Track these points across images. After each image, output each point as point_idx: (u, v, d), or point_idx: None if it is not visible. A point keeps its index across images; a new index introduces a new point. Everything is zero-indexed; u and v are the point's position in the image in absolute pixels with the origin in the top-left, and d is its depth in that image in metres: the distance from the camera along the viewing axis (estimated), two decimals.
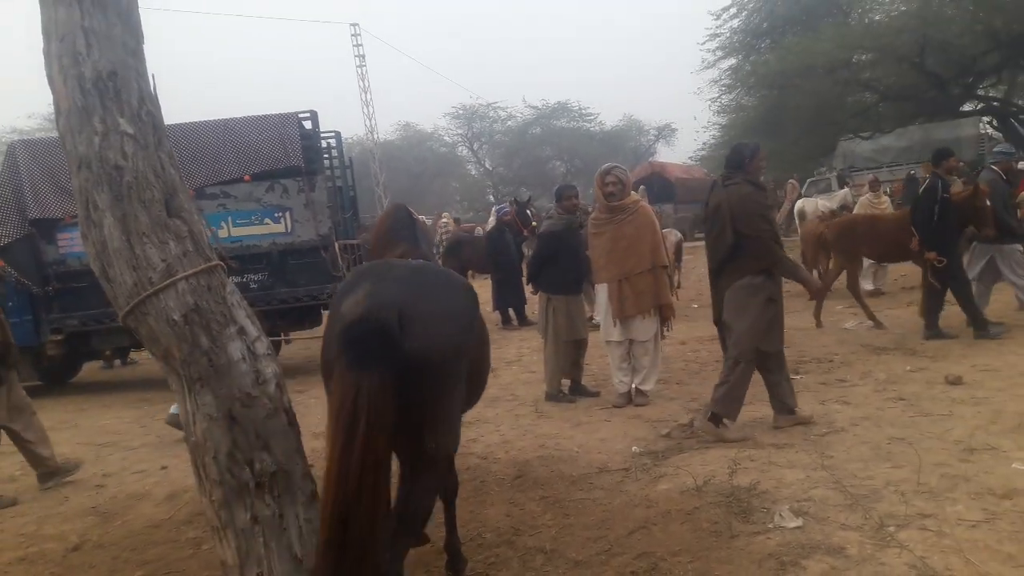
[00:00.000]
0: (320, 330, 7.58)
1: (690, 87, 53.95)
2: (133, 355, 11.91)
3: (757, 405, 6.24)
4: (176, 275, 3.09)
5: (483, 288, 15.83)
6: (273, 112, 9.58)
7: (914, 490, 4.11)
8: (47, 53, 3.18)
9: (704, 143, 39.71)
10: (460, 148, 53.28)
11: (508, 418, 6.59)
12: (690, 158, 45.31)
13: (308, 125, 9.67)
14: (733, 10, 27.31)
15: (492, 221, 28.93)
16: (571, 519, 4.30)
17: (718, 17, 27.64)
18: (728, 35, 27.93)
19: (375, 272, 3.29)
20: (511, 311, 12.28)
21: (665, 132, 52.09)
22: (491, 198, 52.75)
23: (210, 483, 3.14)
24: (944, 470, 4.37)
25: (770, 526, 3.81)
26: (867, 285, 13.94)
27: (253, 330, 3.27)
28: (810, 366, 7.61)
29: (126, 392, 9.69)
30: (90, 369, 11.46)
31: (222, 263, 3.30)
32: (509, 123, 51.49)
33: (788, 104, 25.83)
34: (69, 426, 8.10)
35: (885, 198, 12.35)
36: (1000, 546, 3.41)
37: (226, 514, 3.15)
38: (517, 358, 9.44)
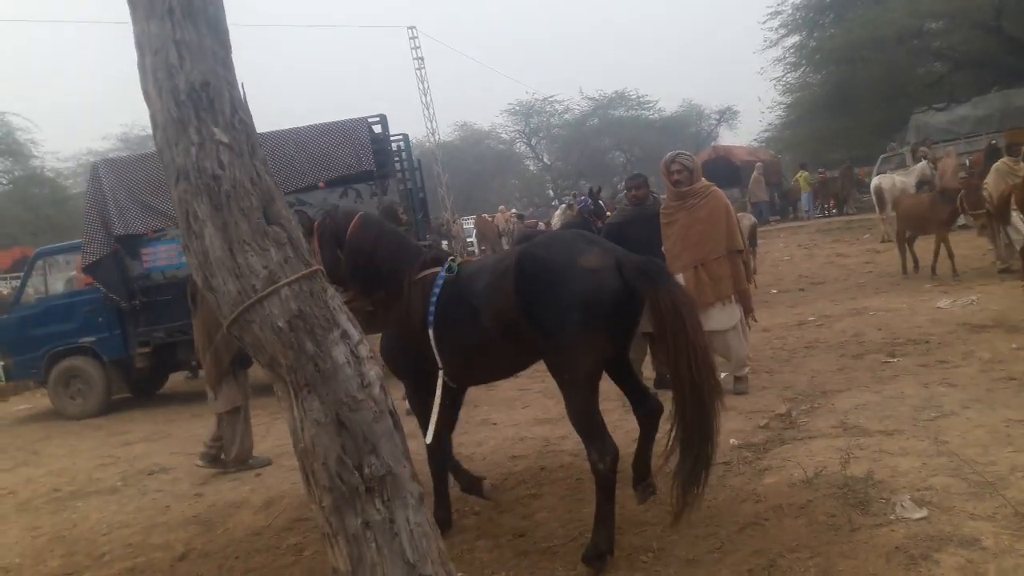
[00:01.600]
0: None
1: (751, 68, 52.86)
2: None
3: (858, 391, 6.03)
4: (279, 281, 3.07)
5: None
6: (342, 118, 9.65)
7: None
8: (141, 67, 3.20)
9: (769, 124, 38.95)
10: (518, 144, 53.40)
11: None
12: (754, 140, 44.50)
13: (378, 129, 9.72)
14: None
15: (557, 217, 28.93)
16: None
17: None
18: (790, 12, 27.28)
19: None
20: None
21: (727, 115, 51.22)
22: (550, 193, 52.67)
23: (320, 489, 3.12)
24: None
25: (892, 518, 3.62)
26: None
27: (355, 333, 3.24)
28: (906, 348, 7.30)
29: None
30: (175, 380, 11.76)
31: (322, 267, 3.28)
32: (566, 116, 51.34)
33: (856, 79, 25.15)
34: (162, 436, 8.31)
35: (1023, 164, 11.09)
36: None
37: (337, 520, 3.12)
38: None
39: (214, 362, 6.23)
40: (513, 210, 38.04)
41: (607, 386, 4.12)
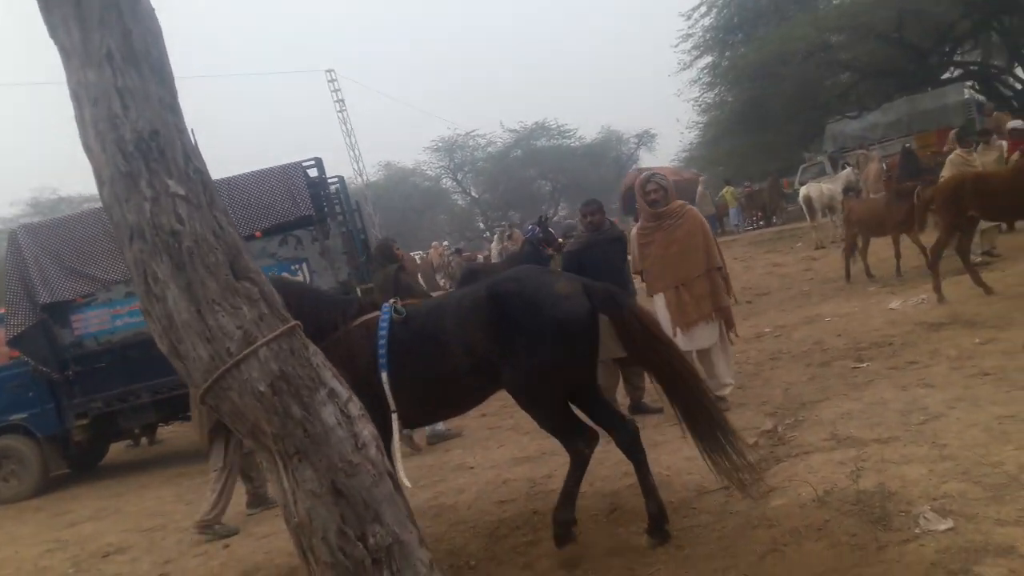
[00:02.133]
0: None
1: (664, 91, 54.03)
2: (160, 432, 11.46)
3: (837, 400, 5.95)
4: (255, 342, 2.78)
5: None
6: (275, 164, 9.30)
7: None
8: (80, 120, 2.89)
9: (689, 144, 39.81)
10: (444, 180, 53.25)
11: None
12: (672, 160, 45.39)
13: (313, 173, 9.40)
14: (703, 8, 27.37)
15: (494, 247, 28.77)
16: (686, 550, 3.97)
17: (689, 17, 27.73)
18: (701, 34, 27.99)
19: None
20: None
21: (645, 138, 52.14)
22: (481, 225, 52.67)
23: (321, 567, 2.81)
24: None
25: (917, 531, 3.48)
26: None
27: (343, 391, 2.96)
28: (871, 352, 7.29)
29: (159, 470, 9.31)
30: (116, 450, 11.05)
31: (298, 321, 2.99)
32: (489, 149, 51.50)
33: (770, 94, 25.87)
34: (111, 512, 7.72)
35: (975, 155, 11.13)
36: None
37: None
38: None
39: (199, 424, 5.93)
40: (446, 243, 37.83)
41: None
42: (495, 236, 32.30)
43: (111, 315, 8.89)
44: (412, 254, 30.97)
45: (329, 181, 9.87)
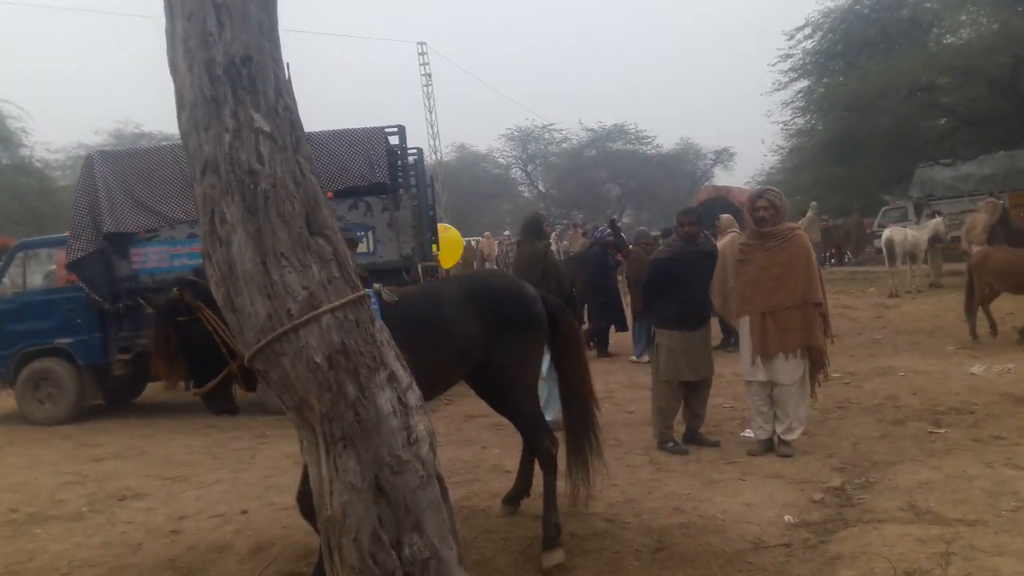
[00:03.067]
0: None
1: (749, 110, 52.73)
2: None
3: (912, 465, 5.49)
4: (321, 306, 2.49)
5: None
6: (357, 126, 9.06)
7: None
8: (170, 34, 2.63)
9: (767, 167, 38.84)
10: (514, 170, 52.95)
11: (621, 469, 5.86)
12: (748, 183, 44.39)
13: (394, 140, 9.12)
14: (808, 30, 26.38)
15: (553, 244, 28.33)
16: None
17: (792, 37, 26.73)
18: (801, 56, 26.98)
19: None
20: (594, 340, 11.56)
21: (723, 156, 51.04)
22: None
23: (346, 570, 2.51)
24: None
25: None
26: None
27: (404, 376, 2.65)
28: (950, 417, 6.78)
29: (191, 416, 9.14)
30: (152, 390, 10.98)
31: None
32: (564, 145, 51.00)
33: (862, 128, 24.86)
34: (136, 453, 7.59)
35: None
36: None
37: None
38: (607, 394, 8.70)
39: None
40: (507, 232, 37.48)
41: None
42: (554, 233, 31.93)
43: (171, 254, 8.77)
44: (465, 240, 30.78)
45: (408, 152, 9.60)
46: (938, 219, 17.20)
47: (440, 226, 13.35)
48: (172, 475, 6.57)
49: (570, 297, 7.47)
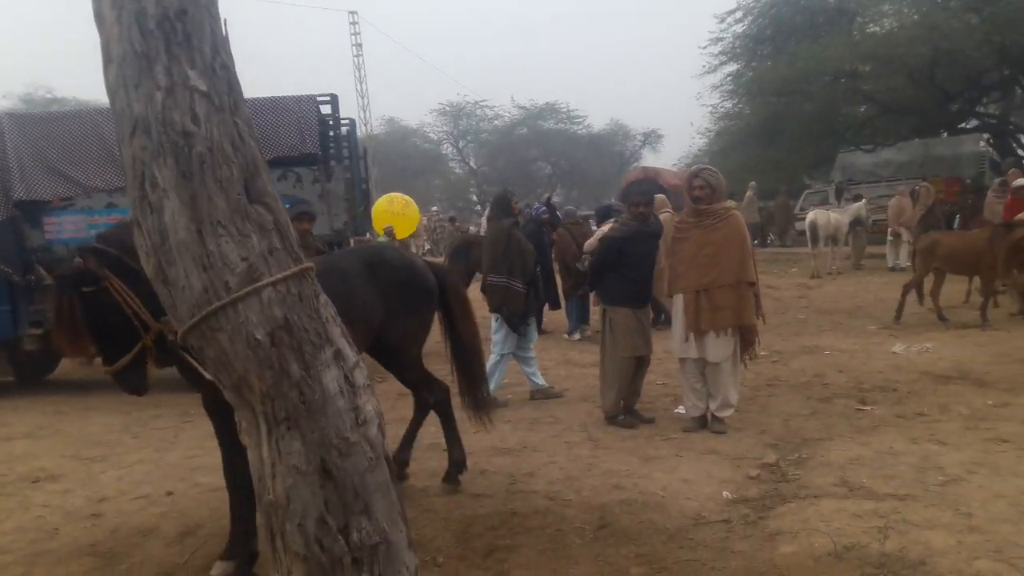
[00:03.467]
0: None
1: (679, 93, 53.30)
2: None
3: (842, 441, 5.62)
4: (261, 279, 2.33)
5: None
6: (288, 94, 8.74)
7: None
8: None
9: (695, 150, 39.45)
10: (445, 145, 52.48)
11: (560, 446, 5.85)
12: (675, 165, 45.01)
13: (326, 110, 8.83)
14: (739, 14, 26.80)
15: (484, 221, 28.22)
16: None
17: (723, 20, 27.13)
18: (731, 40, 27.42)
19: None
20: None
21: (652, 138, 51.60)
22: (474, 197, 51.99)
23: (290, 557, 2.38)
24: None
25: None
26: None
27: (351, 354, 2.52)
28: (875, 395, 6.97)
29: (107, 393, 8.70)
30: (66, 366, 10.46)
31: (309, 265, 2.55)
32: (496, 122, 50.81)
33: (788, 112, 25.44)
34: (49, 432, 7.21)
35: None
36: None
37: None
38: (542, 372, 8.66)
39: None
40: (435, 208, 37.13)
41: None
42: (487, 210, 31.78)
43: (88, 224, 8.32)
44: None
45: (341, 123, 9.31)
46: (861, 203, 17.71)
47: (401, 198, 13.17)
48: (90, 455, 6.25)
49: (533, 276, 7.40)
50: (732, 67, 27.78)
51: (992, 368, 7.68)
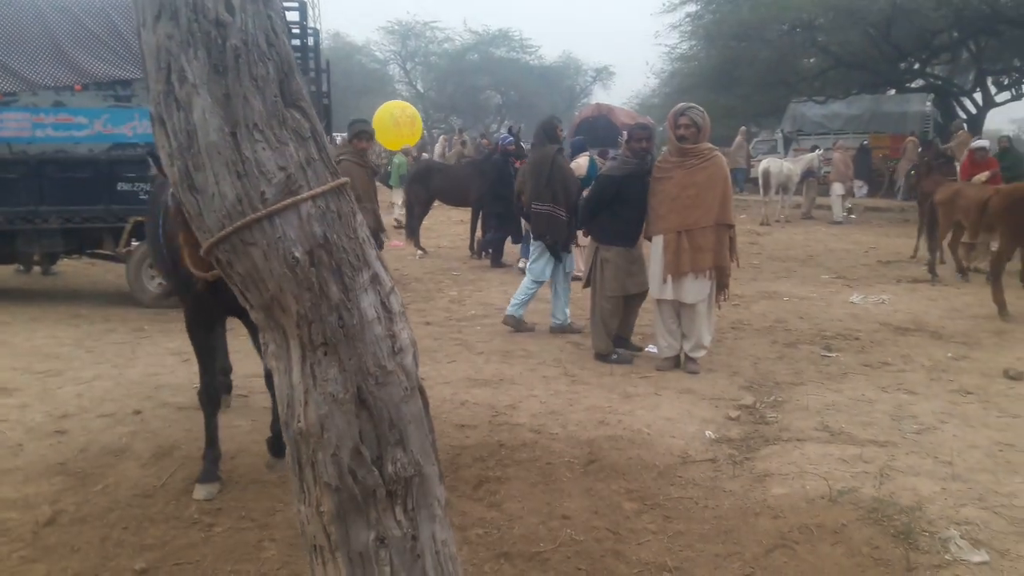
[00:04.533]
0: None
1: (635, 30, 52.53)
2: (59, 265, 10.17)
3: (814, 387, 5.70)
4: (300, 192, 2.13)
5: (456, 221, 14.42)
6: None
7: None
8: None
9: (650, 90, 39.25)
10: (392, 66, 50.99)
11: (537, 380, 5.80)
12: (624, 104, 44.79)
13: (292, 17, 8.34)
14: None
15: (438, 148, 27.67)
16: (679, 524, 3.59)
17: None
18: None
19: None
20: (488, 250, 11.41)
21: (603, 74, 51.12)
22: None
23: (320, 488, 2.24)
24: None
25: (948, 558, 3.20)
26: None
27: (387, 279, 2.34)
28: (839, 343, 7.10)
29: (54, 305, 8.32)
30: (3, 273, 9.92)
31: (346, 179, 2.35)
32: (446, 45, 49.44)
33: (743, 58, 25.41)
34: None
35: None
36: None
37: (340, 531, 2.26)
38: (506, 305, 8.57)
39: None
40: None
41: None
42: (440, 138, 31.17)
43: (32, 123, 7.74)
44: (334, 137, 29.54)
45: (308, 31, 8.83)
46: (814, 153, 17.90)
47: (406, 115, 12.80)
48: (43, 369, 5.93)
49: (576, 204, 7.16)
50: (692, 7, 27.42)
51: (945, 322, 7.90)
